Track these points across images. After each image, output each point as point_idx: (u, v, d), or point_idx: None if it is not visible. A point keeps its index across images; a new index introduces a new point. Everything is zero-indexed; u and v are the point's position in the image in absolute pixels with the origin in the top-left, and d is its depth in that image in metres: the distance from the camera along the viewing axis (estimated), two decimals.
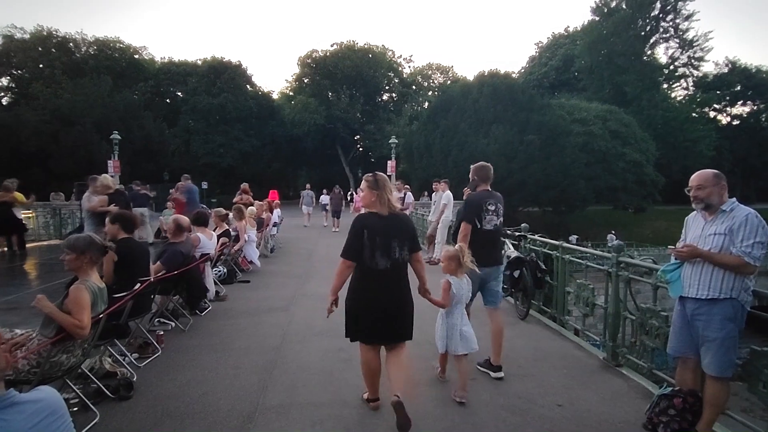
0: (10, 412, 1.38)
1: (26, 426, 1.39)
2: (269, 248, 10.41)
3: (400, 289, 3.01)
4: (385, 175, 3.21)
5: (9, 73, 37.64)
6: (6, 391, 1.42)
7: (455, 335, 3.34)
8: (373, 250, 2.88)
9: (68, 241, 2.97)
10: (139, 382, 3.45)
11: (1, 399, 1.38)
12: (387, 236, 2.91)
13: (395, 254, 2.93)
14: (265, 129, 40.83)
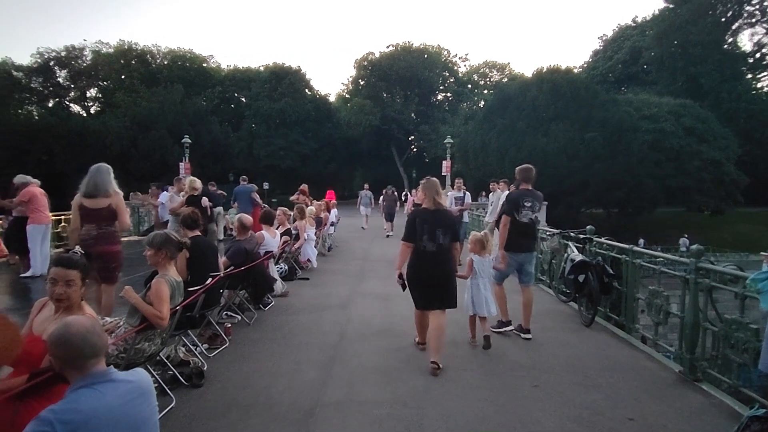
0: (107, 387, 1.57)
1: (117, 402, 1.57)
2: (327, 247, 10.67)
3: (444, 267, 3.88)
4: (435, 179, 4.06)
5: (96, 84, 41.53)
6: (107, 368, 1.64)
7: (481, 302, 4.30)
8: (422, 236, 3.78)
9: (148, 238, 3.22)
10: (209, 371, 3.66)
11: (101, 374, 1.59)
12: (433, 225, 3.80)
13: (440, 240, 3.80)
14: (323, 131, 41.96)
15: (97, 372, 1.60)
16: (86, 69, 40.95)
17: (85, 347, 1.57)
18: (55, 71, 40.74)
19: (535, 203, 4.69)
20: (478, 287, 4.35)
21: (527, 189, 4.75)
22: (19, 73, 38.86)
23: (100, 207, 4.24)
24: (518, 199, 4.67)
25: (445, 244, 3.83)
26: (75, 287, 2.32)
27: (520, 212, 4.63)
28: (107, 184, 4.31)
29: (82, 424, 1.46)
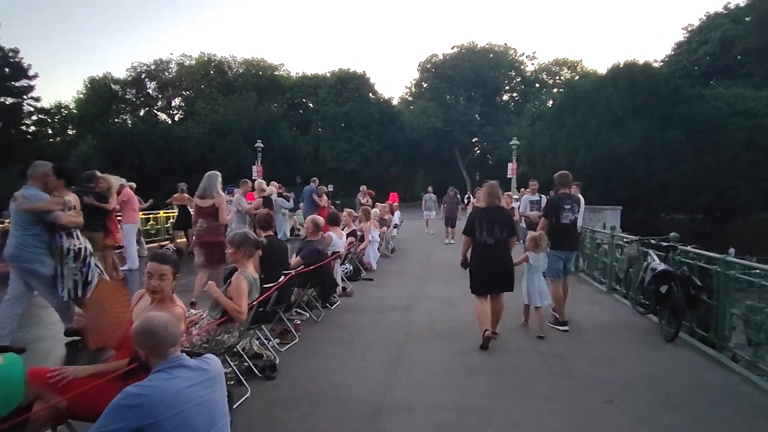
0: (179, 371, 1.78)
1: (186, 384, 1.76)
2: (390, 249, 10.79)
3: (502, 257, 4.49)
4: (494, 182, 4.70)
5: (180, 94, 45.31)
6: (180, 354, 1.84)
7: (535, 293, 4.86)
8: (482, 231, 4.42)
9: (228, 237, 3.46)
10: (281, 364, 3.85)
11: (174, 359, 1.80)
12: (491, 222, 4.44)
13: (497, 234, 4.42)
14: (385, 134, 42.50)
15: (173, 358, 1.81)
16: (172, 80, 44.91)
17: (167, 336, 1.80)
18: (145, 83, 45.12)
19: (574, 205, 5.25)
20: (533, 280, 4.90)
21: (565, 193, 5.32)
22: (116, 86, 43.51)
23: (207, 206, 5.42)
24: (559, 203, 5.20)
25: (501, 239, 4.44)
26: (167, 281, 2.55)
27: (561, 214, 5.13)
28: (212, 188, 5.46)
29: (153, 400, 1.66)
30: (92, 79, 43.58)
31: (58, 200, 4.11)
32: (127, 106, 45.08)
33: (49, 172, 4.16)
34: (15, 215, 4.08)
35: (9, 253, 4.06)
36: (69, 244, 4.17)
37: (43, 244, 4.08)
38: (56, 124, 45.66)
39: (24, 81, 41.83)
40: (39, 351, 4.28)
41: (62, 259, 4.13)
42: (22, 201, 3.96)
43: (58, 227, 4.11)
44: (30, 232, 4.02)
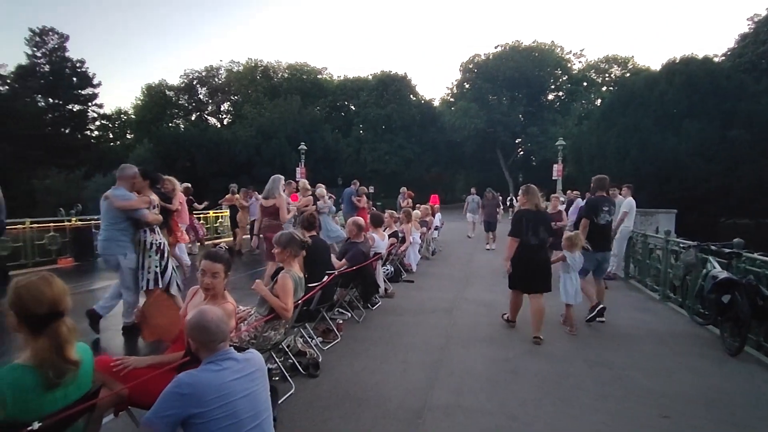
0: (227, 363, 1.89)
1: (232, 375, 1.85)
2: (431, 251, 10.73)
3: (544, 257, 4.79)
4: (534, 186, 4.90)
5: (229, 99, 47.20)
6: (229, 348, 1.96)
7: (570, 292, 5.01)
8: (528, 232, 4.64)
9: (276, 237, 3.56)
10: (323, 363, 3.92)
11: (224, 353, 1.91)
12: (536, 223, 4.66)
13: (540, 235, 4.67)
14: (426, 136, 42.34)
15: (221, 352, 1.91)
16: (221, 86, 46.90)
17: (218, 332, 1.90)
18: (197, 89, 47.37)
19: (611, 207, 5.63)
20: (570, 279, 5.06)
21: (603, 195, 5.65)
22: (170, 93, 45.96)
23: (269, 205, 6.08)
24: (597, 204, 5.52)
25: (544, 239, 4.72)
26: (219, 279, 2.66)
27: (599, 215, 5.46)
28: (275, 190, 6.12)
29: (202, 389, 1.76)
30: (149, 86, 46.26)
31: (145, 199, 4.55)
32: (180, 111, 47.45)
33: (135, 174, 4.61)
34: (105, 212, 4.51)
35: (99, 246, 4.61)
36: (152, 239, 4.61)
37: (128, 238, 4.55)
38: (116, 129, 48.81)
39: (89, 89, 45.00)
40: (99, 342, 4.57)
41: (145, 252, 4.57)
42: (114, 199, 4.39)
43: (143, 223, 4.54)
44: (118, 227, 4.48)
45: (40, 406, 1.58)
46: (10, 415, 1.51)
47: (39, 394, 1.57)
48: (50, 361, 1.60)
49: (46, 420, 1.54)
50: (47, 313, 1.63)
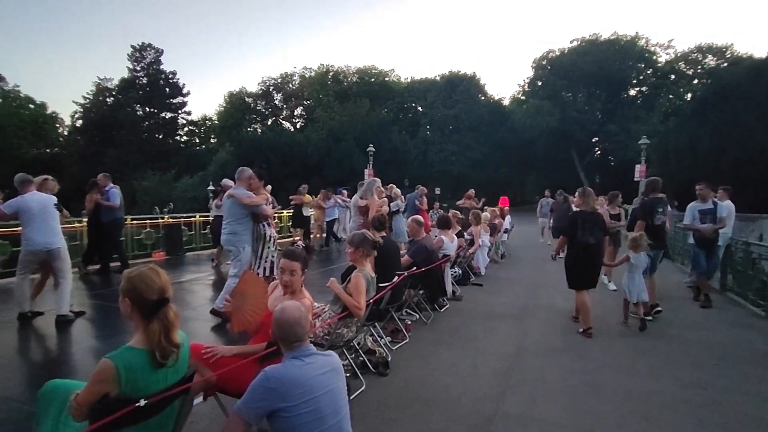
0: (310, 359, 1.96)
1: (315, 372, 1.92)
2: (500, 254, 10.44)
3: (597, 256, 5.04)
4: (590, 189, 5.17)
5: (301, 103, 49.38)
6: (310, 346, 2.03)
7: (635, 290, 5.22)
8: (584, 231, 4.89)
9: (348, 237, 3.66)
10: (392, 362, 3.96)
11: (306, 349, 1.99)
12: (592, 224, 4.91)
13: (596, 234, 4.91)
14: (495, 136, 41.25)
15: (303, 348, 1.99)
16: (295, 91, 49.27)
17: (291, 333, 1.97)
18: (273, 95, 50.20)
19: (665, 209, 5.85)
20: (634, 278, 5.25)
21: (657, 197, 5.81)
22: (249, 99, 49.09)
23: (362, 205, 6.78)
24: (653, 206, 5.70)
25: (599, 238, 4.96)
26: (296, 276, 2.79)
27: (654, 216, 5.65)
28: (368, 191, 6.82)
29: (288, 384, 1.83)
30: (230, 94, 49.77)
31: (264, 196, 5.14)
32: (258, 117, 50.53)
33: (252, 175, 5.18)
34: (229, 209, 5.07)
35: (223, 239, 5.14)
36: (270, 231, 5.17)
37: (248, 232, 5.09)
38: (202, 134, 53.04)
39: (179, 98, 49.33)
40: (186, 330, 4.98)
41: (264, 243, 5.12)
42: (241, 197, 4.95)
43: (262, 218, 5.09)
44: (240, 222, 5.03)
45: (147, 386, 1.75)
46: (122, 391, 1.69)
47: (146, 374, 1.75)
48: (159, 343, 1.77)
49: (150, 398, 1.72)
50: (157, 300, 1.81)
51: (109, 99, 47.10)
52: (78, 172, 42.01)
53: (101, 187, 7.46)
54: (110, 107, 46.23)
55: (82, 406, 1.69)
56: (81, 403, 1.69)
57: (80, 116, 48.47)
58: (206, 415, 2.90)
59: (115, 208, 7.50)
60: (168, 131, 48.65)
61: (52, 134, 56.18)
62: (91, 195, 7.48)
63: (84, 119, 47.71)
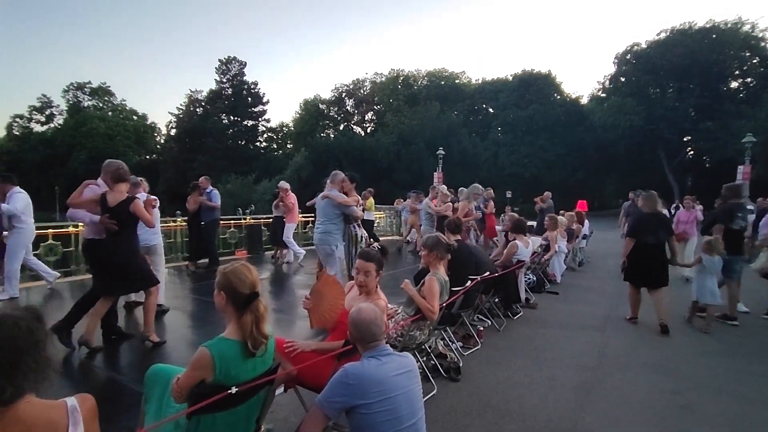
0: (386, 359, 2.00)
1: (392, 372, 1.95)
2: (577, 261, 9.89)
3: (660, 256, 5.25)
4: (653, 192, 5.45)
5: (372, 108, 50.50)
6: (386, 346, 2.08)
7: (705, 292, 5.27)
8: (647, 232, 5.22)
9: (423, 239, 3.68)
10: (463, 368, 3.90)
11: (383, 349, 2.04)
12: (655, 225, 5.25)
13: (658, 236, 5.20)
14: (571, 136, 39.16)
15: (380, 347, 2.04)
16: (366, 97, 50.52)
17: (368, 333, 2.03)
18: (345, 101, 51.89)
19: (745, 214, 5.81)
20: (704, 280, 5.29)
21: (737, 202, 5.78)
22: (323, 106, 51.12)
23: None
24: (732, 211, 5.63)
25: (662, 238, 5.22)
26: (371, 277, 2.86)
27: (734, 221, 5.58)
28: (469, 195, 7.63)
29: (366, 381, 1.89)
30: (306, 101, 52.10)
31: (355, 198, 5.42)
32: (330, 122, 52.43)
33: (344, 178, 5.47)
34: (322, 209, 5.36)
35: (317, 237, 5.39)
36: (361, 232, 5.44)
37: (339, 232, 5.34)
38: (279, 140, 56.06)
39: (260, 107, 52.61)
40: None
41: (356, 243, 5.39)
42: (335, 198, 5.25)
43: (353, 219, 5.34)
44: (333, 222, 5.30)
45: (238, 375, 1.89)
46: (216, 379, 1.84)
47: (238, 363, 1.89)
48: (250, 333, 1.92)
49: (240, 386, 1.86)
50: (249, 293, 1.96)
51: (198, 109, 51.53)
52: (172, 176, 46.43)
53: (202, 189, 8.08)
54: (200, 117, 50.56)
55: (182, 389, 1.87)
56: (181, 387, 1.87)
57: (174, 125, 53.53)
58: (285, 406, 3.06)
59: (217, 208, 8.19)
60: (249, 138, 52.12)
61: (151, 142, 62.68)
62: (194, 196, 8.06)
63: (177, 128, 52.61)
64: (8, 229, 5.73)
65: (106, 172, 4.14)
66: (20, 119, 61.43)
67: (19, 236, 5.80)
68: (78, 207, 4.14)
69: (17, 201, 5.73)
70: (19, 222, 5.75)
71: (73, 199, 4.12)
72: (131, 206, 4.03)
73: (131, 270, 4.14)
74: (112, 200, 4.02)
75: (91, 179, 4.33)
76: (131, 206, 4.03)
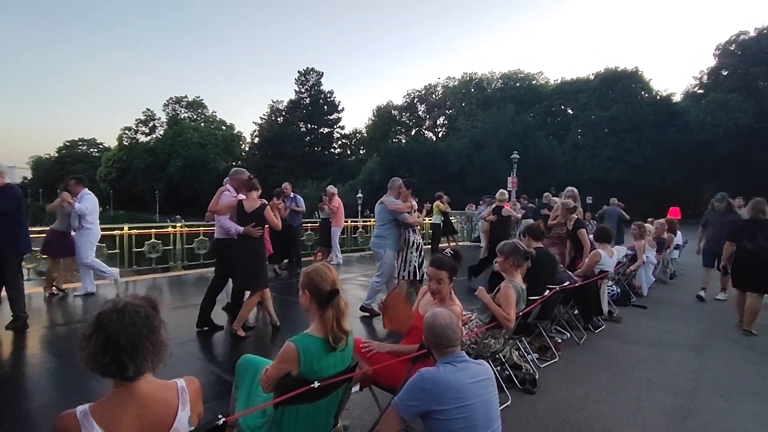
0: (462, 366, 1.99)
1: (469, 380, 1.94)
2: (668, 274, 9.08)
3: (761, 261, 5.27)
4: (760, 199, 5.47)
5: (444, 113, 50.32)
6: (462, 352, 2.08)
7: None
8: (746, 239, 5.37)
9: (498, 246, 3.61)
10: (540, 381, 3.75)
11: (458, 356, 2.03)
12: (753, 231, 5.35)
13: (758, 242, 5.27)
14: (662, 137, 35.93)
15: (455, 354, 2.03)
16: (437, 101, 50.49)
17: (444, 339, 2.03)
18: (417, 106, 52.26)
19: None
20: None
21: None
22: (395, 112, 51.89)
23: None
24: None
25: (762, 246, 5.25)
26: (444, 284, 2.86)
27: None
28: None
29: (442, 387, 1.88)
30: (378, 107, 53.24)
31: (408, 204, 5.54)
32: (402, 128, 53.01)
33: (401, 185, 5.62)
34: (378, 214, 5.64)
35: (371, 241, 5.73)
36: (414, 238, 5.54)
37: (392, 237, 5.53)
38: (353, 146, 57.77)
39: (335, 114, 54.71)
40: None
41: (408, 248, 5.49)
42: (387, 203, 5.48)
43: (406, 225, 5.50)
44: (386, 226, 5.52)
45: (320, 370, 2.00)
46: (301, 373, 1.96)
47: (320, 359, 2.00)
48: (332, 328, 2.02)
49: (322, 381, 1.96)
50: (330, 290, 2.06)
51: (279, 118, 54.77)
52: None
53: (286, 194, 8.52)
54: (280, 125, 53.72)
55: (270, 380, 2.01)
56: (269, 377, 2.01)
57: (257, 134, 57.31)
58: (360, 404, 3.15)
59: (303, 212, 8.78)
60: (325, 144, 54.36)
61: (237, 150, 67.66)
62: (276, 202, 8.39)
63: (260, 136, 56.33)
64: (77, 229, 6.16)
65: (239, 181, 4.61)
66: (129, 131, 69.96)
67: (87, 236, 6.12)
68: (220, 214, 4.62)
69: (87, 202, 6.03)
70: (86, 222, 6.06)
71: (213, 207, 4.65)
72: (264, 212, 4.51)
73: (253, 267, 4.57)
74: (248, 207, 4.53)
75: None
76: (264, 212, 4.51)
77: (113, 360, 1.29)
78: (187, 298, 6.40)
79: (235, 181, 4.67)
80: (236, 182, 4.69)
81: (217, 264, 5.03)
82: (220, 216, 4.66)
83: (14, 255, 4.61)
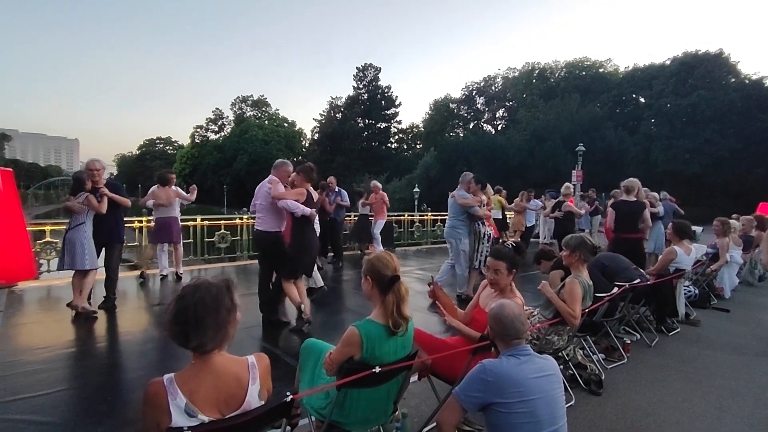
0: (526, 359, 1.95)
1: (532, 374, 1.89)
2: (756, 275, 8.24)
3: None
4: None
5: (504, 105, 48.85)
6: (527, 346, 2.03)
7: None
8: None
9: (564, 240, 3.47)
10: (606, 382, 3.57)
11: (523, 349, 2.00)
12: None
13: None
14: (751, 127, 32.47)
15: (520, 347, 1.99)
16: (497, 94, 49.06)
17: (511, 330, 1.99)
18: (475, 99, 51.09)
19: None
20: None
21: None
22: (453, 105, 51.10)
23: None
24: None
25: None
26: (501, 275, 2.79)
27: None
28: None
29: (504, 380, 1.85)
30: (435, 101, 52.67)
31: (476, 199, 5.88)
32: (460, 121, 52.14)
33: (471, 180, 5.96)
34: (450, 207, 6.02)
35: (445, 232, 6.15)
36: (485, 230, 5.94)
37: (464, 228, 5.91)
38: (409, 140, 57.68)
39: (392, 109, 54.89)
40: None
41: (479, 240, 5.91)
42: (457, 197, 5.85)
43: (477, 217, 5.86)
44: (458, 218, 5.91)
45: (381, 355, 2.05)
46: (363, 357, 2.02)
47: (382, 344, 2.05)
48: (392, 313, 2.07)
49: (383, 367, 2.01)
50: (391, 275, 2.10)
51: (338, 114, 55.95)
52: (315, 177, 51.26)
53: (331, 188, 8.73)
54: (339, 121, 54.85)
55: (333, 363, 2.09)
56: (333, 360, 2.09)
57: (317, 130, 58.93)
58: (417, 394, 3.18)
59: (348, 206, 9.08)
60: (382, 139, 54.79)
61: (298, 146, 70.08)
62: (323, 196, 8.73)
63: (320, 133, 57.89)
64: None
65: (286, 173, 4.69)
66: (200, 129, 74.63)
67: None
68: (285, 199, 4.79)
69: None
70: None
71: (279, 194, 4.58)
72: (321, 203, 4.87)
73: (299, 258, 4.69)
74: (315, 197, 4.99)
75: (261, 179, 4.94)
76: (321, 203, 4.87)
77: (182, 330, 1.40)
78: (252, 287, 6.72)
79: (282, 173, 4.67)
80: (283, 174, 4.67)
81: (262, 257, 5.05)
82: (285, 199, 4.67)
83: (116, 245, 5.25)
